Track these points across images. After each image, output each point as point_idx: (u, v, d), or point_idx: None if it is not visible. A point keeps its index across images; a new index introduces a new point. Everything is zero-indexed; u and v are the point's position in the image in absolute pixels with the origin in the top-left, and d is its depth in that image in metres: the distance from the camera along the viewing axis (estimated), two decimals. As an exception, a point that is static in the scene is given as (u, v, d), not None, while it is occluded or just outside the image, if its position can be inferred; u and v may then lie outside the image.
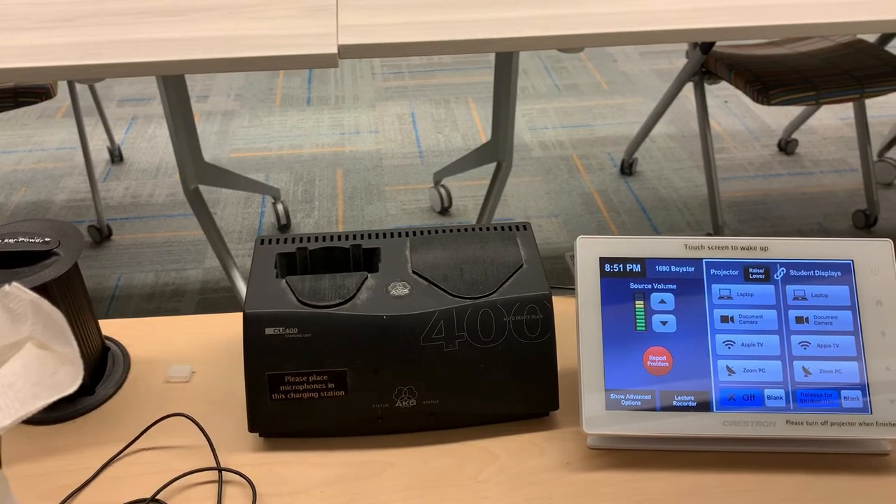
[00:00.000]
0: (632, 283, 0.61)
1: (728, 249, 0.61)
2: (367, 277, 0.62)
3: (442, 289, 0.61)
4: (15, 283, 0.37)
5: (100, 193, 2.29)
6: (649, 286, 0.61)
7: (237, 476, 0.59)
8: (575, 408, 0.65)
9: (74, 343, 0.38)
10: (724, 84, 2.02)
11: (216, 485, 0.58)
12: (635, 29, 1.27)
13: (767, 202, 2.31)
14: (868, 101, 2.13)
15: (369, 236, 0.67)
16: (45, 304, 0.38)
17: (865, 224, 2.18)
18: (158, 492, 0.57)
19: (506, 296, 0.61)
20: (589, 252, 0.62)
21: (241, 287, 1.87)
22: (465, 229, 0.67)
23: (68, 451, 0.61)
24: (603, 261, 0.61)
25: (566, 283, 1.93)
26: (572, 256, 2.12)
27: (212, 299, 1.96)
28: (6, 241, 0.60)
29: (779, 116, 2.77)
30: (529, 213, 2.27)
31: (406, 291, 0.61)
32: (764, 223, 2.21)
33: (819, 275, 0.61)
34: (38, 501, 0.57)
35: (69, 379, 0.38)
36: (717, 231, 2.03)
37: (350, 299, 0.60)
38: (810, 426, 0.58)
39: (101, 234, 2.16)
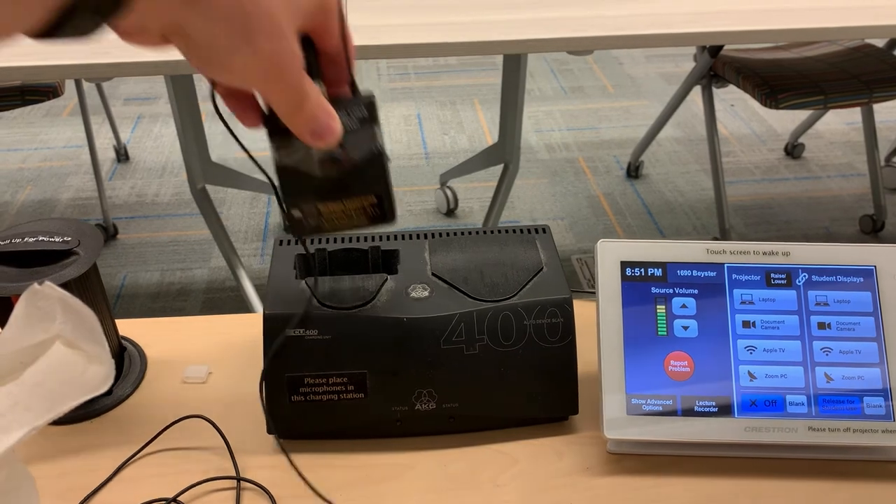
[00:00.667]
0: (653, 288, 0.60)
1: (750, 254, 0.61)
2: (386, 279, 0.62)
3: (462, 291, 0.61)
4: (47, 282, 0.37)
5: (105, 192, 2.29)
6: (671, 290, 0.60)
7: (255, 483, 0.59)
8: (594, 412, 0.64)
9: (104, 342, 0.38)
10: (729, 88, 2.02)
11: (234, 491, 0.58)
12: (644, 32, 1.27)
13: (774, 206, 2.31)
14: (876, 106, 2.13)
15: (388, 238, 0.66)
16: (76, 301, 0.38)
17: (872, 229, 2.17)
18: (178, 496, 0.57)
19: (526, 299, 0.60)
20: (610, 255, 0.61)
21: (248, 287, 1.87)
22: (485, 232, 0.67)
23: (85, 450, 0.61)
24: (624, 265, 0.61)
25: (573, 286, 1.92)
26: (579, 259, 2.11)
27: (217, 299, 1.96)
28: (26, 239, 0.59)
29: (785, 120, 2.77)
30: (535, 215, 2.26)
31: (426, 294, 0.61)
32: (770, 227, 2.21)
33: (841, 280, 0.60)
34: (54, 501, 0.57)
35: (99, 379, 0.37)
36: (724, 235, 2.03)
37: (370, 301, 0.60)
38: (832, 433, 0.57)
39: (107, 233, 2.16)
